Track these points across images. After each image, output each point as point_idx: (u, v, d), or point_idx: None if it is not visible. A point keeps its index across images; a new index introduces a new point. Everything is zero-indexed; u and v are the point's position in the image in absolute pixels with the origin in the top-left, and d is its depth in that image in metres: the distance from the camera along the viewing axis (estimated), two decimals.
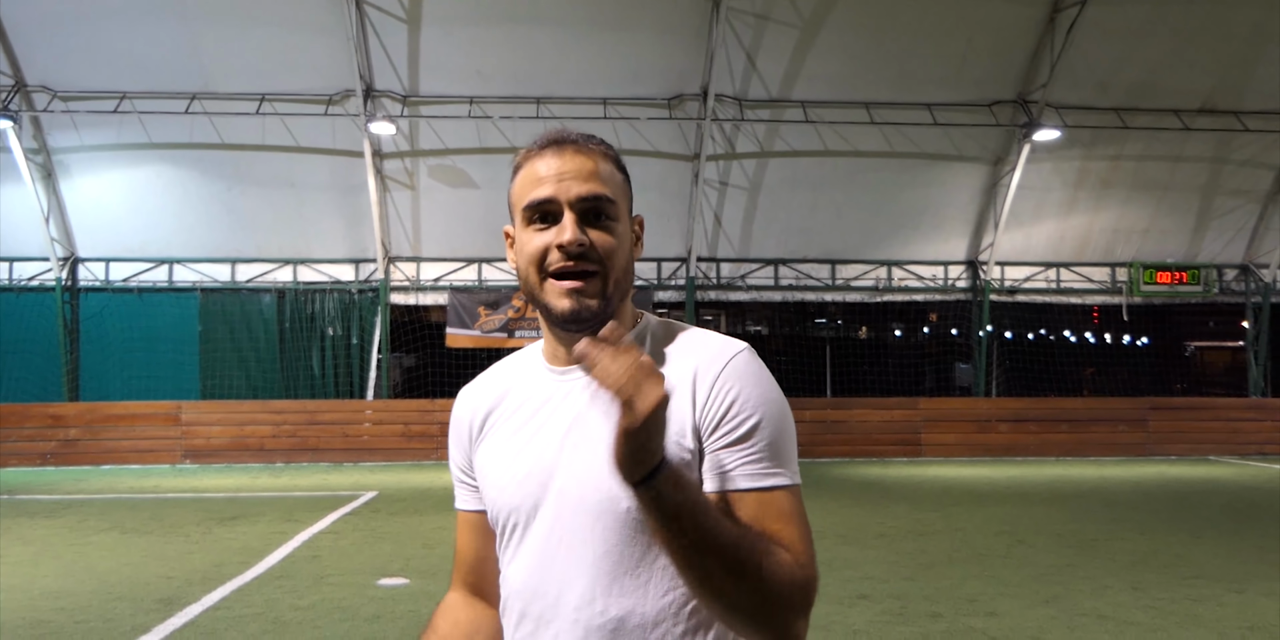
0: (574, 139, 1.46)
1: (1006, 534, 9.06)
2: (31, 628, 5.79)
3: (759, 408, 1.37)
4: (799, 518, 1.36)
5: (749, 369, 1.40)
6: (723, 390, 1.37)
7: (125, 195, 16.00)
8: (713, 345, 1.43)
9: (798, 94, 15.72)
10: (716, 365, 1.38)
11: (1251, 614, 6.03)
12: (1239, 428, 17.38)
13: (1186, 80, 15.84)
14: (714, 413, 1.36)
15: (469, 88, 15.36)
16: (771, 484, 1.35)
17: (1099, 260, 17.81)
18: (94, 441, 15.70)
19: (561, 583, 1.39)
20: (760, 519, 1.32)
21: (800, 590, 1.29)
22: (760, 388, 1.38)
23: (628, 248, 1.44)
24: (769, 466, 1.36)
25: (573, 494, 1.38)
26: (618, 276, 1.41)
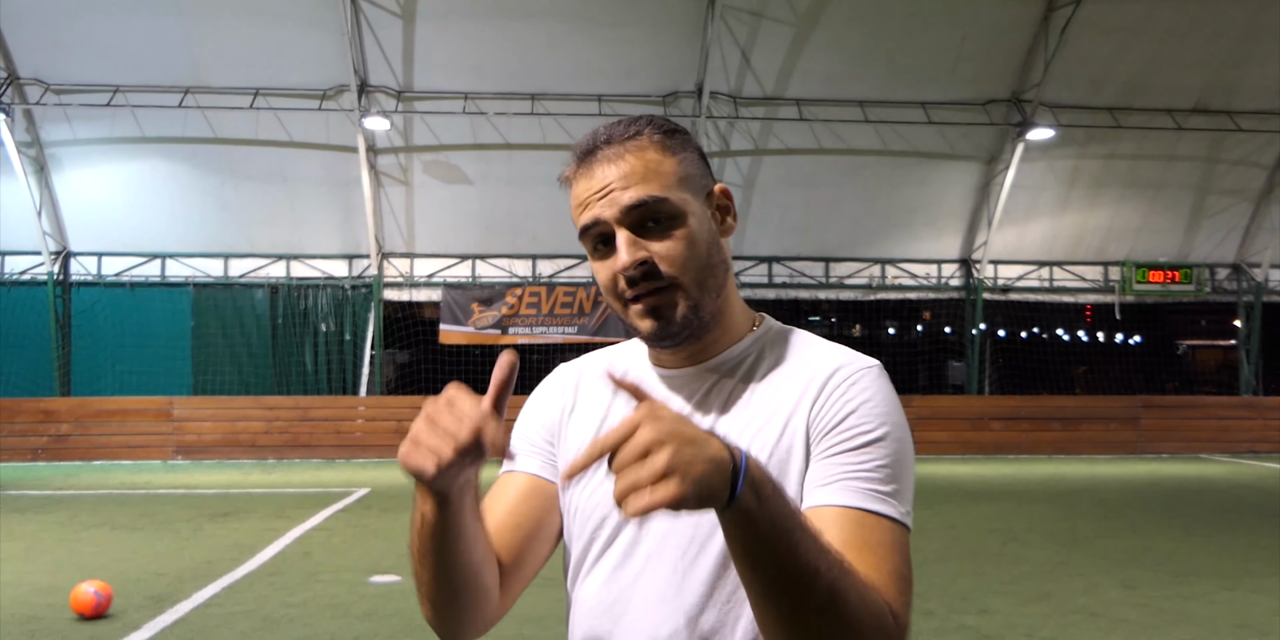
0: (604, 140, 1.28)
1: (999, 532, 9.07)
2: (22, 624, 5.77)
3: (885, 424, 1.20)
4: (897, 556, 1.15)
5: (880, 384, 1.24)
6: (847, 396, 1.21)
7: (118, 189, 15.94)
8: (843, 355, 1.28)
9: (792, 91, 15.71)
10: (845, 372, 1.23)
11: (1242, 611, 6.04)
12: (1230, 426, 17.43)
13: (1180, 79, 15.86)
14: (831, 418, 1.20)
15: (463, 83, 15.33)
16: (879, 509, 1.16)
17: (1092, 259, 17.84)
18: (85, 437, 15.65)
19: (642, 609, 1.26)
20: (850, 544, 1.12)
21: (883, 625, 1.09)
22: (890, 406, 1.22)
23: (703, 241, 1.26)
24: (881, 489, 1.17)
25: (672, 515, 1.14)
26: (697, 279, 1.25)
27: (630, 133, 1.27)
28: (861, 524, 1.15)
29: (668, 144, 1.27)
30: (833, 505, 1.16)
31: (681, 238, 1.24)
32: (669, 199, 1.23)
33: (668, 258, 1.23)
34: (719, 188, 1.31)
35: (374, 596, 6.46)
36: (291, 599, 6.38)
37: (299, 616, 5.94)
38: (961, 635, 5.52)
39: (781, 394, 1.25)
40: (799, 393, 1.23)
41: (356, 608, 6.14)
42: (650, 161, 1.25)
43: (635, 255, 1.22)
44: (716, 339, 1.30)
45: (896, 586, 1.13)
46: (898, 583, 1.13)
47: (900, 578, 1.14)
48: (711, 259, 1.26)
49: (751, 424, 1.25)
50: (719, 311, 1.29)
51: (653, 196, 1.23)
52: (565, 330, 16.72)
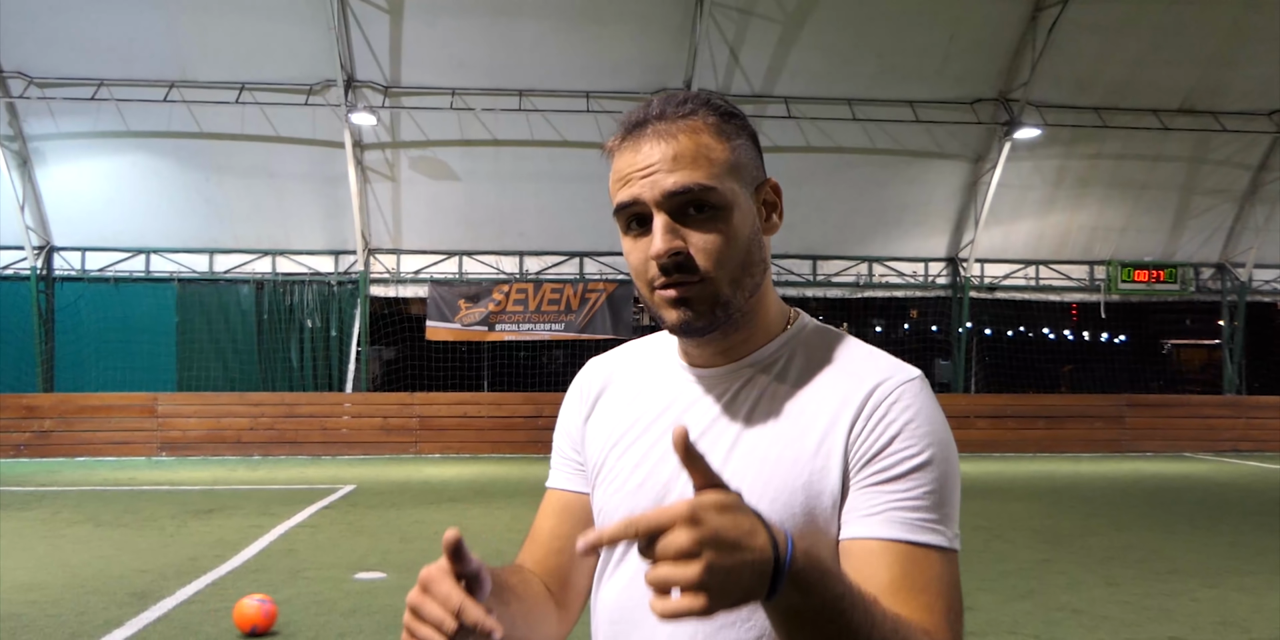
0: (656, 114, 1.20)
1: (983, 529, 9.10)
2: (3, 621, 5.73)
3: (930, 446, 1.13)
4: (949, 590, 1.11)
5: (922, 399, 1.17)
6: (888, 418, 1.14)
7: (102, 184, 15.84)
8: (882, 366, 1.20)
9: (780, 89, 15.72)
10: (885, 389, 1.16)
11: (1224, 609, 6.08)
12: (1214, 425, 17.53)
13: (1166, 80, 15.93)
14: (872, 444, 1.14)
15: (451, 79, 15.28)
16: (927, 541, 1.11)
17: (1077, 258, 17.91)
18: (69, 433, 15.56)
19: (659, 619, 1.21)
20: (899, 584, 1.09)
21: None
22: (934, 424, 1.15)
23: (744, 237, 1.18)
24: (928, 517, 1.11)
25: None
26: (732, 276, 1.17)
27: (685, 111, 1.19)
28: (912, 560, 1.10)
29: (723, 128, 1.20)
30: (879, 538, 1.11)
31: (723, 231, 1.16)
32: (716, 188, 1.16)
33: (705, 251, 1.16)
34: (771, 182, 1.25)
35: (359, 593, 6.44)
36: (276, 595, 6.35)
37: (283, 613, 5.91)
38: None
39: (815, 404, 1.19)
40: (836, 407, 1.17)
41: (341, 604, 6.12)
42: (702, 145, 1.17)
43: (671, 244, 1.15)
44: (748, 337, 1.24)
45: (950, 627, 1.09)
46: (950, 622, 1.10)
47: (954, 613, 1.11)
48: (751, 257, 1.19)
49: (782, 436, 1.18)
50: (752, 311, 1.22)
51: (699, 184, 1.15)
52: (552, 327, 16.70)
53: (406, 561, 7.48)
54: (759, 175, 1.23)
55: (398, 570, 7.14)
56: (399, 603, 6.17)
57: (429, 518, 9.63)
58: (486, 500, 10.96)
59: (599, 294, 16.76)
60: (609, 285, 16.79)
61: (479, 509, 10.26)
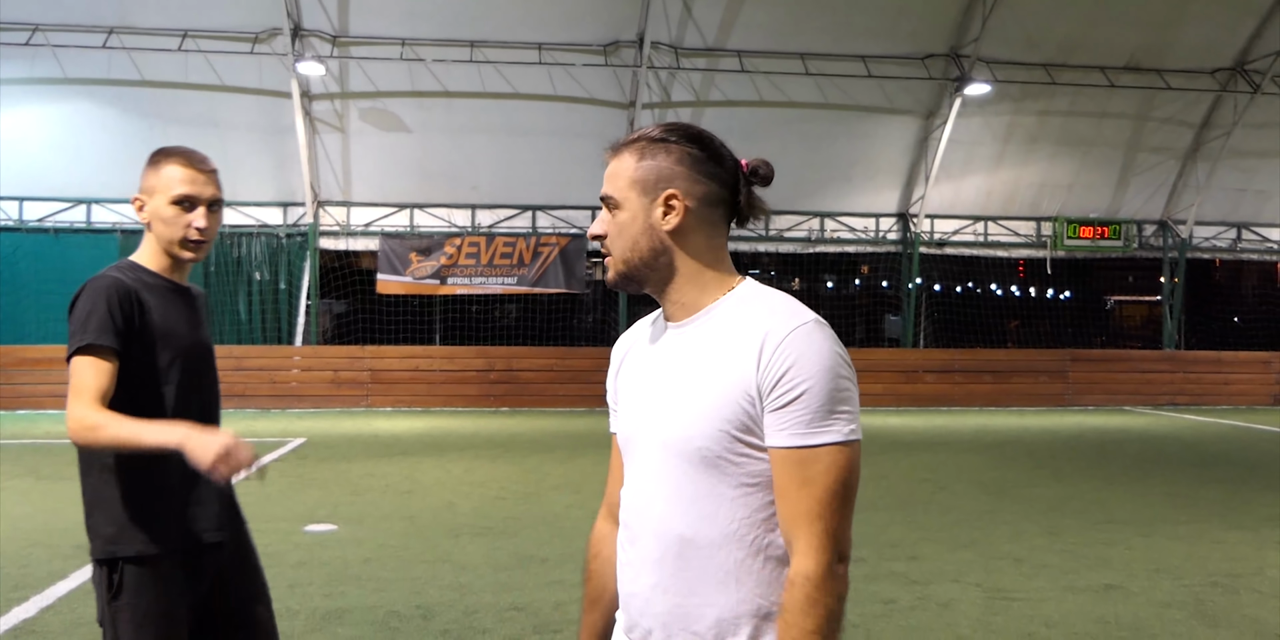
0: (617, 143, 1.71)
1: (929, 481, 9.28)
2: None
3: (811, 377, 1.51)
4: (828, 477, 1.52)
5: (809, 341, 1.54)
6: (780, 357, 1.52)
7: (40, 132, 15.41)
8: (780, 315, 1.57)
9: (734, 43, 15.63)
10: (779, 334, 1.54)
11: (1157, 556, 6.27)
12: (1153, 379, 17.94)
13: (1113, 37, 16.05)
14: (771, 378, 1.52)
15: (401, 29, 15.00)
16: (808, 443, 1.51)
17: (1025, 214, 18.12)
18: (8, 386, 15.28)
19: (648, 503, 1.64)
20: (789, 481, 1.52)
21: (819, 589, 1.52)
22: (816, 358, 1.52)
23: (631, 229, 1.65)
24: (811, 427, 1.51)
25: (658, 429, 1.62)
26: (621, 254, 1.67)
27: (632, 137, 1.69)
28: (800, 461, 1.52)
29: (645, 150, 1.65)
30: (777, 447, 1.53)
31: (618, 223, 1.67)
32: (614, 196, 1.67)
33: (608, 235, 1.68)
34: (668, 192, 1.63)
35: (308, 545, 6.44)
36: None
37: None
38: (892, 581, 5.66)
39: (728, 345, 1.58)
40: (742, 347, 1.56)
41: (290, 556, 6.11)
42: (621, 165, 1.67)
43: (595, 230, 1.71)
44: (689, 301, 1.67)
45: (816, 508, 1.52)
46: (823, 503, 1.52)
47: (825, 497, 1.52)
48: (638, 242, 1.64)
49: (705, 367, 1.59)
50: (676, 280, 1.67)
51: (608, 196, 1.68)
52: (505, 281, 16.63)
53: (357, 514, 7.48)
54: (664, 186, 1.63)
55: (348, 523, 7.15)
56: (350, 555, 6.20)
57: (380, 470, 9.62)
58: (439, 453, 10.96)
59: (551, 248, 16.69)
60: (562, 239, 16.73)
61: (431, 461, 10.27)
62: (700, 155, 1.65)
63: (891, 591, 5.45)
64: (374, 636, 4.64)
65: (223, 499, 2.54)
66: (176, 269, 2.56)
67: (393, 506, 7.86)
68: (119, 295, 2.37)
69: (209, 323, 2.68)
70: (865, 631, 4.76)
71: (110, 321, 2.33)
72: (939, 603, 5.23)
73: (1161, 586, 5.56)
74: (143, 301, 2.42)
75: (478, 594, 5.35)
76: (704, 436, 1.55)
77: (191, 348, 2.53)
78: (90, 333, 2.31)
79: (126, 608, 2.35)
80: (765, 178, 1.69)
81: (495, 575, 5.75)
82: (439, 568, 5.91)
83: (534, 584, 5.56)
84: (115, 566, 2.37)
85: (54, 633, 4.64)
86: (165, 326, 2.45)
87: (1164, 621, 4.92)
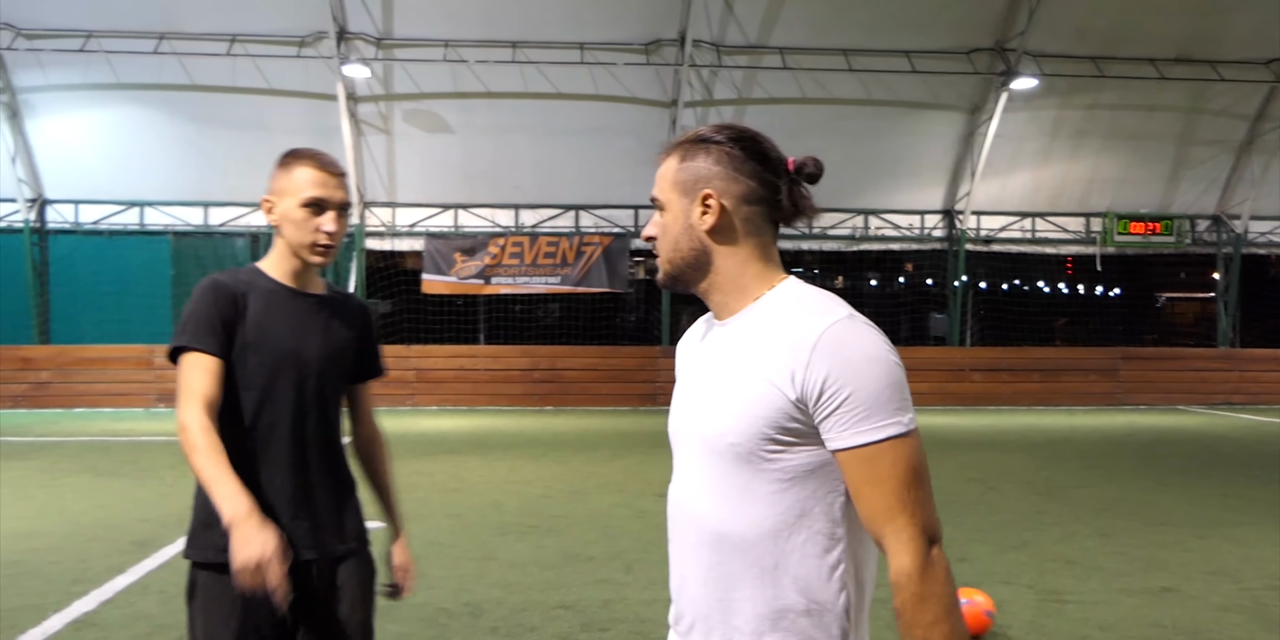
0: (667, 145, 1.75)
1: (977, 481, 9.18)
2: (6, 568, 5.79)
3: (852, 376, 1.50)
4: (896, 469, 1.50)
5: (842, 341, 1.53)
6: (817, 361, 1.51)
7: (93, 136, 15.70)
8: (812, 314, 1.57)
9: (776, 40, 15.56)
10: (812, 336, 1.53)
11: (1214, 559, 6.16)
12: (1207, 377, 17.63)
13: (1163, 28, 15.76)
14: (814, 383, 1.51)
15: (444, 31, 15.10)
16: (868, 440, 1.50)
17: (1073, 210, 17.86)
18: (66, 385, 15.60)
19: (689, 498, 1.67)
20: (861, 481, 1.52)
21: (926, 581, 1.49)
22: (853, 358, 1.52)
23: (674, 230, 1.69)
24: (865, 424, 1.50)
25: (697, 426, 1.65)
26: (667, 255, 1.70)
27: (679, 139, 1.73)
28: (865, 459, 1.51)
29: (686, 152, 1.69)
30: (840, 449, 1.52)
31: (663, 224, 1.71)
32: (659, 198, 1.72)
33: (657, 235, 1.73)
34: (704, 193, 1.65)
35: None
36: None
37: None
38: None
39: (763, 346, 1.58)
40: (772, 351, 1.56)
41: None
42: (666, 168, 1.72)
43: (647, 232, 1.76)
44: (729, 301, 1.69)
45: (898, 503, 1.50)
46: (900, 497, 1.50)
47: (901, 490, 1.50)
48: (679, 242, 1.68)
49: (741, 367, 1.60)
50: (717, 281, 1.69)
51: (654, 197, 1.73)
52: (548, 280, 16.69)
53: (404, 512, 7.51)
54: (702, 187, 1.66)
55: None
56: None
57: (427, 469, 9.69)
58: (485, 451, 11.02)
59: (595, 247, 16.72)
60: (605, 239, 16.75)
61: (477, 460, 10.33)
62: (739, 154, 1.66)
63: None
64: (423, 633, 4.67)
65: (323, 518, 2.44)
66: (301, 274, 2.50)
67: (440, 504, 7.92)
68: (219, 296, 2.37)
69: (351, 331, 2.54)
70: None
71: (209, 322, 2.33)
72: None
73: (1219, 590, 5.46)
74: (245, 304, 2.39)
75: (525, 592, 5.37)
76: (737, 433, 1.56)
77: (290, 355, 2.41)
78: (188, 334, 2.32)
79: (200, 611, 2.34)
80: (812, 176, 1.71)
81: (542, 573, 5.77)
82: (486, 565, 5.94)
83: (581, 582, 5.58)
84: (192, 569, 2.36)
85: (113, 626, 4.72)
86: (261, 331, 2.39)
87: (1222, 626, 4.83)
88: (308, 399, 2.43)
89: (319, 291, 2.53)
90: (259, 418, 2.38)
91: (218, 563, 2.23)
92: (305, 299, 2.49)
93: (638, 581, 5.57)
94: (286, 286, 2.48)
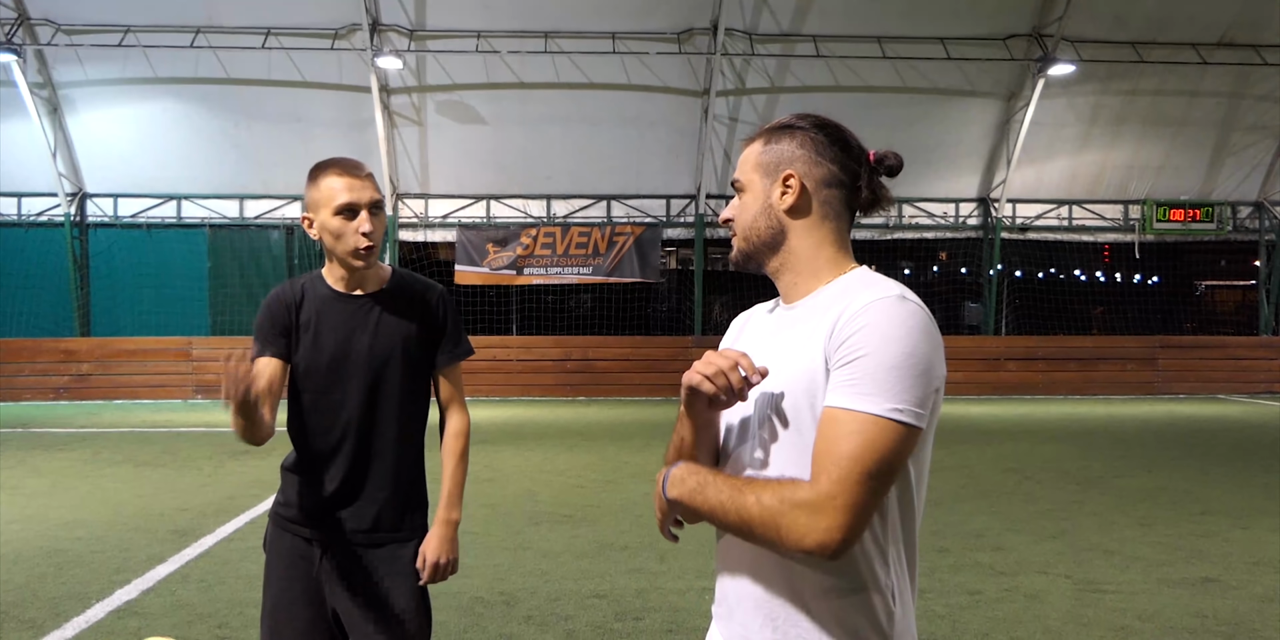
0: (754, 133, 1.78)
1: (1014, 471, 9.11)
2: (49, 556, 5.88)
3: (872, 344, 1.50)
4: (850, 443, 1.47)
5: (883, 313, 1.53)
6: (851, 324, 1.53)
7: (132, 131, 15.88)
8: (864, 293, 1.58)
9: (809, 28, 15.45)
10: (855, 307, 1.55)
11: (1257, 549, 6.07)
12: (1248, 366, 17.39)
13: (1205, 12, 15.51)
14: (837, 342, 1.54)
15: (476, 22, 15.12)
16: (848, 405, 1.49)
17: (1112, 198, 17.64)
18: (106, 376, 15.82)
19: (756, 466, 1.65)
20: (819, 437, 1.50)
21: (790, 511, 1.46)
22: (884, 329, 1.52)
23: (752, 209, 1.73)
24: (857, 391, 1.49)
25: (760, 398, 1.65)
26: (744, 234, 1.74)
27: (765, 126, 1.77)
28: (834, 419, 1.49)
29: (771, 136, 1.73)
30: (827, 406, 1.52)
31: (742, 206, 1.75)
32: (739, 179, 1.76)
33: (734, 217, 1.76)
34: (786, 173, 1.69)
35: None
36: None
37: None
38: (976, 572, 5.57)
39: (815, 330, 1.60)
40: (824, 328, 1.58)
41: None
42: (750, 151, 1.75)
43: (725, 214, 1.79)
44: (799, 283, 1.72)
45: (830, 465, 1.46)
46: (836, 463, 1.46)
47: (841, 459, 1.46)
48: (757, 221, 1.72)
49: (792, 350, 1.63)
50: (781, 259, 1.73)
51: (736, 180, 1.76)
52: (580, 271, 16.70)
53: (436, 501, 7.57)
54: (785, 169, 1.70)
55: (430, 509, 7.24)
56: None
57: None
58: (518, 442, 11.07)
59: (626, 237, 16.71)
60: (636, 229, 16.74)
61: (510, 450, 10.37)
62: (823, 140, 1.70)
63: (977, 582, 5.36)
64: (458, 621, 4.70)
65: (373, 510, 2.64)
66: (351, 277, 2.60)
67: (474, 494, 7.95)
68: (274, 307, 2.61)
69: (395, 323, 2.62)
70: (951, 622, 4.69)
71: (265, 333, 2.61)
72: (1027, 594, 5.14)
73: (1262, 581, 5.39)
74: (299, 311, 2.59)
75: (559, 581, 5.39)
76: (794, 398, 1.58)
77: (339, 357, 2.56)
78: (255, 345, 2.60)
79: (267, 554, 2.68)
80: (892, 168, 1.73)
81: (576, 562, 5.79)
82: (521, 555, 5.97)
83: (615, 571, 5.59)
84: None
85: (155, 614, 4.79)
86: (314, 337, 2.57)
87: (1264, 617, 4.77)
88: (361, 397, 2.57)
89: (376, 288, 2.62)
90: (315, 417, 2.58)
91: (276, 515, 2.65)
92: (355, 301, 2.61)
93: (671, 570, 5.58)
94: (336, 291, 2.61)
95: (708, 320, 17.97)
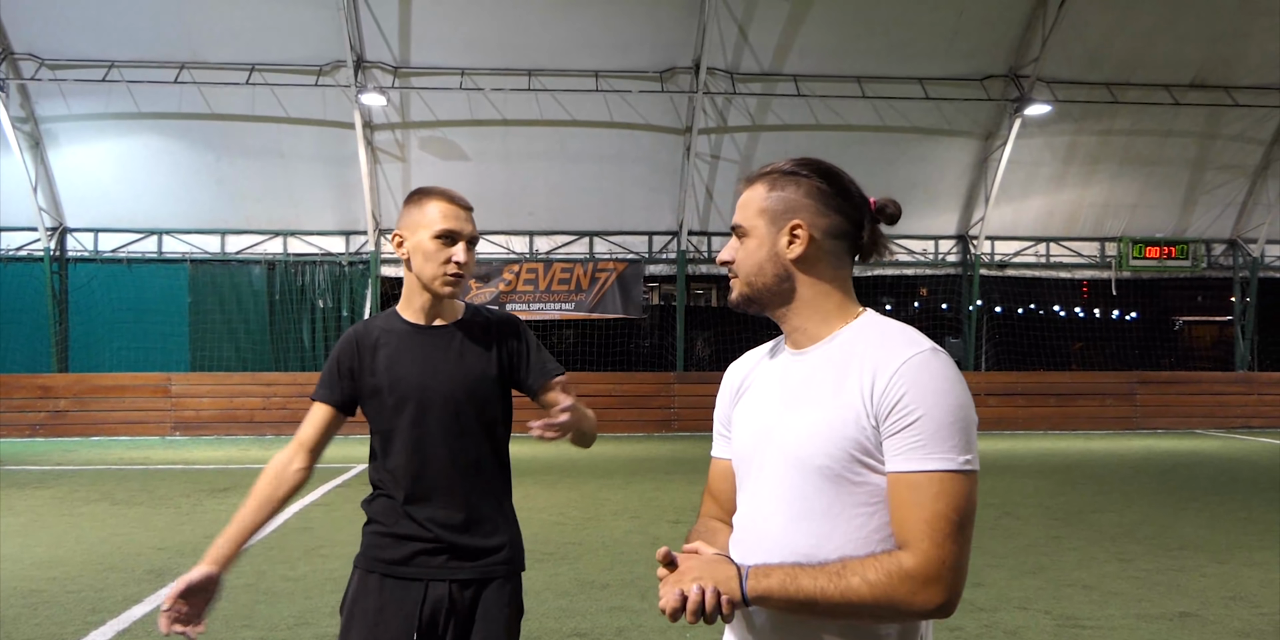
0: (751, 174, 1.80)
1: (994, 506, 9.14)
2: (24, 597, 5.82)
3: (926, 403, 1.56)
4: (938, 503, 1.54)
5: (925, 369, 1.59)
6: (895, 385, 1.57)
7: (114, 165, 15.89)
8: (896, 345, 1.63)
9: (789, 67, 15.66)
10: (894, 364, 1.59)
11: (1234, 584, 6.10)
12: (1225, 401, 17.52)
13: (1177, 54, 15.82)
14: (887, 404, 1.57)
15: (460, 59, 15.26)
16: (922, 467, 1.55)
17: (1088, 235, 17.85)
18: (83, 413, 15.69)
19: (766, 520, 1.69)
20: (900, 504, 1.56)
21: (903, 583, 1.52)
22: (931, 386, 1.57)
23: (758, 255, 1.74)
24: (926, 452, 1.55)
25: (782, 449, 1.67)
26: (747, 279, 1.75)
27: (765, 170, 1.78)
28: (912, 485, 1.55)
29: (775, 182, 1.75)
30: (893, 472, 1.57)
31: (745, 250, 1.75)
32: (742, 225, 1.76)
33: (736, 259, 1.77)
34: (794, 223, 1.72)
35: None
36: (292, 573, 6.43)
37: (299, 590, 5.99)
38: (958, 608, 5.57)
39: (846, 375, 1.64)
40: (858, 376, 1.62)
41: None
42: (753, 195, 1.76)
43: (723, 256, 1.79)
44: (805, 329, 1.75)
45: (928, 527, 1.53)
46: (929, 523, 1.53)
47: (933, 518, 1.53)
48: (763, 268, 1.74)
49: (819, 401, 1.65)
50: (795, 307, 1.75)
51: (737, 225, 1.77)
52: (563, 306, 16.74)
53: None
54: (791, 217, 1.72)
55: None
56: None
57: None
58: None
59: (609, 274, 16.78)
60: (619, 265, 16.81)
61: None
62: (828, 190, 1.73)
63: (957, 619, 5.36)
64: None
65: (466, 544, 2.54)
66: (431, 307, 2.61)
67: None
68: (344, 349, 2.64)
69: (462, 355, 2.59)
70: None
71: (330, 375, 2.64)
72: (1006, 630, 5.15)
73: (1239, 615, 5.42)
74: (375, 351, 2.58)
75: (540, 619, 5.36)
76: (825, 455, 1.61)
77: (419, 392, 2.55)
78: (319, 386, 2.66)
79: (347, 607, 2.57)
80: (892, 216, 1.78)
81: (557, 600, 5.76)
82: None
83: (595, 609, 5.57)
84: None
85: None
86: (394, 373, 2.56)
87: None
88: (446, 431, 2.54)
89: (453, 319, 2.63)
90: (400, 455, 2.56)
91: (363, 565, 2.59)
92: (434, 333, 2.60)
93: (652, 609, 5.56)
94: (415, 324, 2.60)
95: (690, 356, 18.01)
